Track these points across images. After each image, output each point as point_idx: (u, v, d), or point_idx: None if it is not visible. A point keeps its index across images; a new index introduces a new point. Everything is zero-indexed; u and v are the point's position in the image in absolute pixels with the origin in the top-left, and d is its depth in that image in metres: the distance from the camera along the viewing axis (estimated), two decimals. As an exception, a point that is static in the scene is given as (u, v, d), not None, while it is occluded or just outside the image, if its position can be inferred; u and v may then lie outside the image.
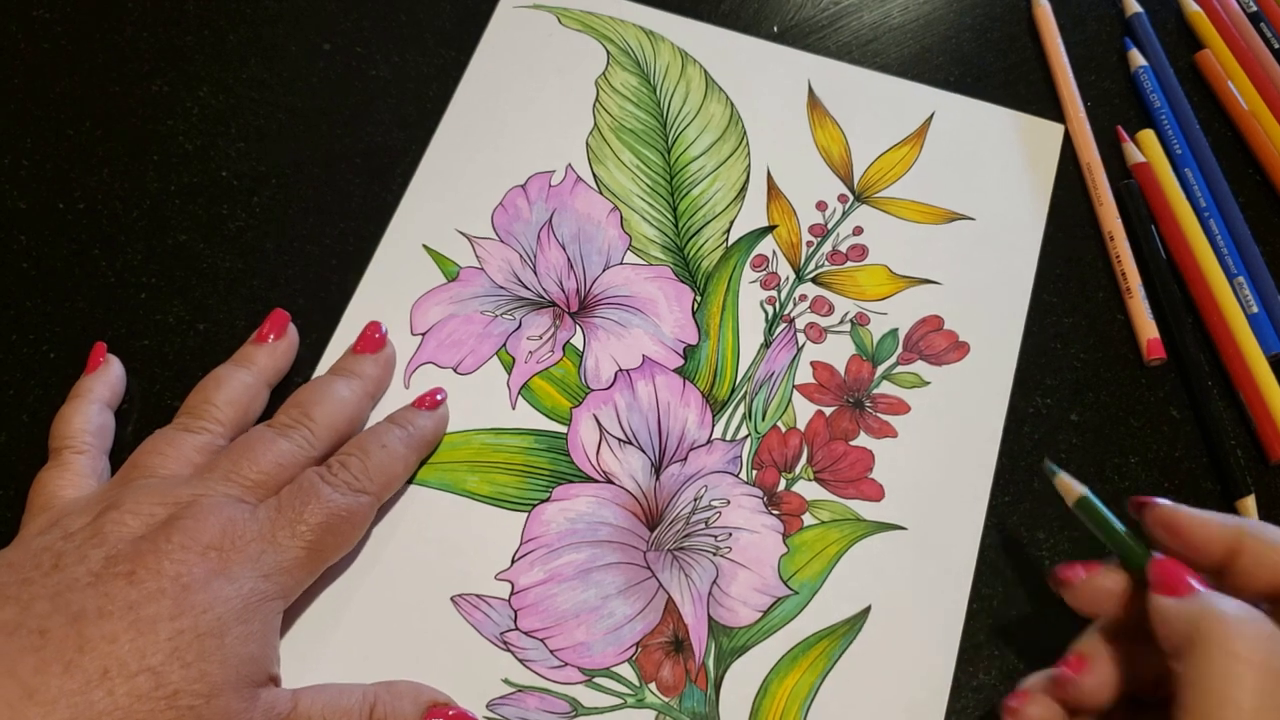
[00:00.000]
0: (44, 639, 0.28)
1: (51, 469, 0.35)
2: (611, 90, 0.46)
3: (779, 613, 0.37)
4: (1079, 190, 0.46)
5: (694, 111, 0.46)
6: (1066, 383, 0.42)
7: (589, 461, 0.39)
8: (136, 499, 0.32)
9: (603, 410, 0.40)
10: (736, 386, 0.41)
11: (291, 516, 0.32)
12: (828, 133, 0.46)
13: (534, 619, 0.36)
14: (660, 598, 0.37)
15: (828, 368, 0.41)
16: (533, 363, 0.40)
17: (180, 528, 0.30)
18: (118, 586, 0.29)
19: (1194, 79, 0.49)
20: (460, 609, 0.36)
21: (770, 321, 0.42)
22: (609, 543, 0.38)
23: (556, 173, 0.44)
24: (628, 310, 0.42)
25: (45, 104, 0.44)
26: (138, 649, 0.28)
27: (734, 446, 0.40)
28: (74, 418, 0.36)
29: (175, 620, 0.29)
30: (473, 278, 0.42)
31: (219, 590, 0.30)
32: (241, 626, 0.30)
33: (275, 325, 0.39)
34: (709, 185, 0.44)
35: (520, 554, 0.37)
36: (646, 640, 0.36)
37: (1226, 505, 0.40)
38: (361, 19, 0.47)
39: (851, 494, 0.39)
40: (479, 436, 0.39)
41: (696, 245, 0.43)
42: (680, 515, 0.38)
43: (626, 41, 0.47)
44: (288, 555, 0.32)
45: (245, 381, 0.37)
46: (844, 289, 0.43)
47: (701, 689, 0.36)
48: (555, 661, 0.36)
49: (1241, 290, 0.43)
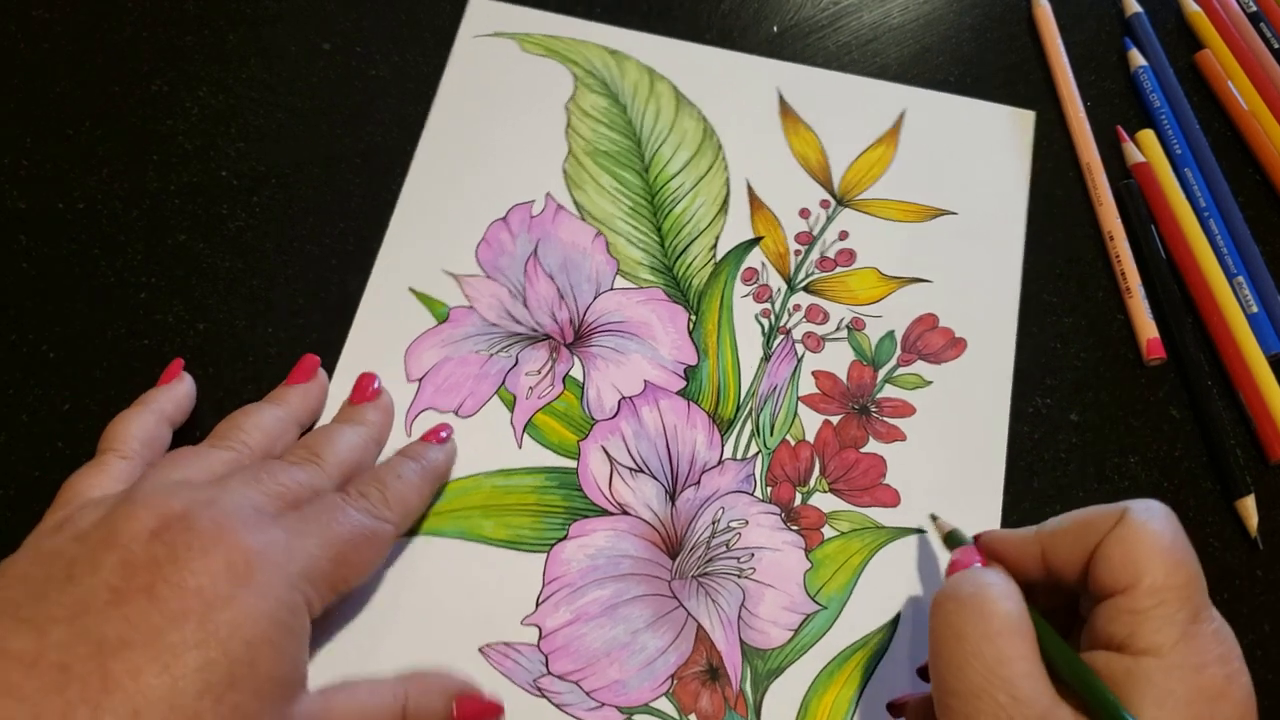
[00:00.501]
0: (66, 676, 0.26)
1: (89, 468, 0.34)
2: (582, 114, 0.45)
3: (810, 629, 0.37)
4: (1079, 190, 0.46)
5: (667, 129, 0.45)
6: (1066, 382, 0.42)
7: (602, 494, 0.38)
8: (150, 494, 0.31)
9: (610, 440, 0.39)
10: (741, 403, 0.40)
11: (317, 528, 0.32)
12: (803, 139, 0.45)
13: (566, 662, 0.36)
14: (690, 627, 0.36)
15: (830, 376, 0.41)
16: (534, 399, 0.40)
17: (199, 529, 0.29)
18: (138, 607, 0.28)
19: (1194, 79, 0.49)
20: (490, 659, 0.36)
21: (767, 334, 0.42)
22: (632, 575, 0.37)
23: (536, 202, 0.43)
24: (624, 336, 0.41)
25: (45, 104, 0.44)
26: (166, 685, 0.27)
27: (746, 465, 0.39)
28: (129, 423, 0.36)
29: (203, 649, 0.27)
30: (463, 317, 0.41)
31: (246, 607, 0.28)
32: (272, 650, 0.29)
33: (305, 370, 0.39)
34: (690, 202, 0.44)
35: (544, 596, 0.37)
36: (681, 672, 0.36)
37: (1226, 505, 0.40)
38: (361, 19, 0.47)
39: (868, 501, 0.39)
40: (489, 480, 0.39)
41: (685, 264, 0.43)
42: (700, 540, 0.38)
43: (592, 63, 0.46)
44: (313, 564, 0.31)
45: (276, 415, 0.37)
46: (836, 295, 0.43)
47: (742, 715, 0.35)
48: (592, 703, 0.35)
49: (1241, 290, 0.43)
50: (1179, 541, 0.29)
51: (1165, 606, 0.28)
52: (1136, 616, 0.28)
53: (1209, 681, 0.27)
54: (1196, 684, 0.27)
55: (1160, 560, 0.28)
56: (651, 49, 0.47)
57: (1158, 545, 0.29)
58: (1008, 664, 0.28)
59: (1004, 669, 0.28)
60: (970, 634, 0.29)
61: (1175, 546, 0.29)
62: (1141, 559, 0.29)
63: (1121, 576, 0.29)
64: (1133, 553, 0.29)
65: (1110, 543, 0.29)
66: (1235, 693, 0.28)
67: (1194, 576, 0.29)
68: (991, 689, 0.28)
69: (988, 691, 0.28)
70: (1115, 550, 0.29)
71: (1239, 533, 0.40)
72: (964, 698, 0.28)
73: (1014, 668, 0.28)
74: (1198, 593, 0.29)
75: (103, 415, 0.37)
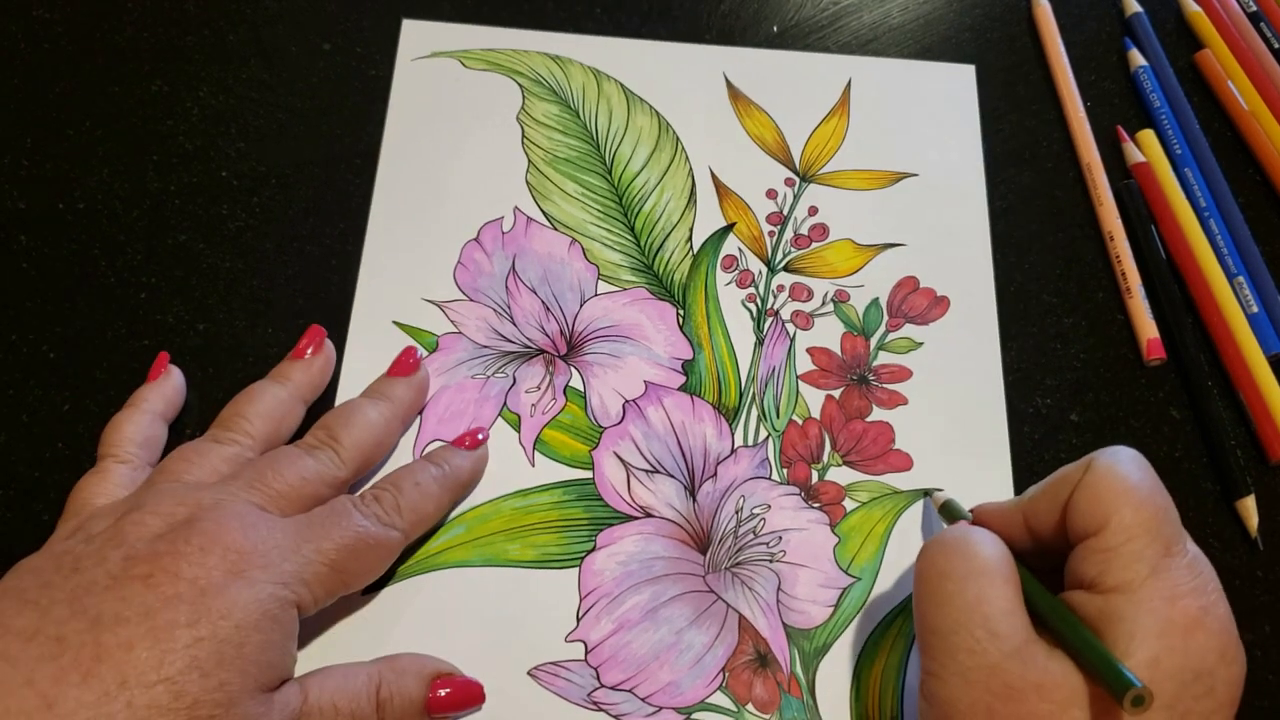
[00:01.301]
0: (61, 646, 0.28)
1: (92, 476, 0.35)
2: (535, 123, 0.45)
3: (849, 602, 0.37)
4: (1079, 190, 0.46)
5: (622, 128, 0.45)
6: (1066, 383, 0.42)
7: (623, 500, 0.38)
8: (158, 501, 0.31)
9: (622, 445, 0.39)
10: (743, 390, 0.41)
11: (318, 533, 0.32)
12: (756, 120, 0.46)
13: (616, 672, 0.36)
14: (732, 618, 0.37)
15: (824, 351, 0.42)
16: (539, 415, 0.40)
17: (200, 529, 0.30)
18: (134, 590, 0.29)
19: (1194, 79, 0.49)
20: (540, 681, 0.35)
21: (756, 318, 0.42)
22: (667, 576, 0.37)
23: (506, 218, 0.43)
24: (616, 340, 0.41)
25: (45, 104, 0.44)
26: (155, 658, 0.28)
27: (759, 450, 0.40)
28: (125, 426, 0.36)
29: (193, 627, 0.28)
30: (453, 344, 0.41)
31: (237, 596, 0.29)
32: (260, 635, 0.29)
33: (312, 341, 0.39)
34: (658, 198, 0.44)
35: (583, 610, 0.36)
36: (731, 664, 0.36)
37: (1227, 505, 0.40)
38: (361, 19, 0.47)
39: (882, 469, 0.40)
40: (506, 503, 0.38)
41: (663, 260, 0.43)
42: (727, 531, 0.38)
43: (536, 71, 0.46)
44: (309, 568, 0.31)
45: (279, 396, 0.37)
46: (816, 270, 0.43)
47: (797, 697, 0.36)
48: (649, 709, 0.35)
49: (1241, 290, 0.43)
50: (1145, 480, 0.30)
51: (1134, 543, 0.29)
52: (1107, 555, 0.29)
53: (1182, 613, 0.28)
54: (1168, 616, 0.28)
55: (1126, 499, 0.29)
56: (592, 50, 0.47)
57: (1123, 486, 0.30)
58: (987, 602, 0.29)
59: (983, 606, 0.29)
60: (953, 573, 0.30)
61: (1141, 485, 0.30)
62: (1108, 500, 0.29)
63: (1091, 521, 0.29)
64: (1100, 496, 0.30)
65: (1079, 491, 0.30)
66: (1211, 623, 0.28)
67: (1161, 510, 0.30)
68: (970, 624, 0.29)
69: (965, 627, 0.29)
70: (1083, 497, 0.30)
71: (1239, 533, 0.40)
72: (942, 634, 0.29)
73: (993, 605, 0.29)
74: (1168, 526, 0.29)
75: (102, 416, 0.37)
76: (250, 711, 0.29)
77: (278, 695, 0.30)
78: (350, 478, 0.36)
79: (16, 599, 0.29)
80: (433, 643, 0.35)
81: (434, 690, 0.33)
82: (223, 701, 0.28)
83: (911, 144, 0.46)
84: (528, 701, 0.35)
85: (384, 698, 0.32)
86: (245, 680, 0.29)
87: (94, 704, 0.27)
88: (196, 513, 0.31)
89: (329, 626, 0.35)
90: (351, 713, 0.31)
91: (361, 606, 0.36)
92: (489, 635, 0.36)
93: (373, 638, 0.35)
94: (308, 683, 0.31)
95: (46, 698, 0.27)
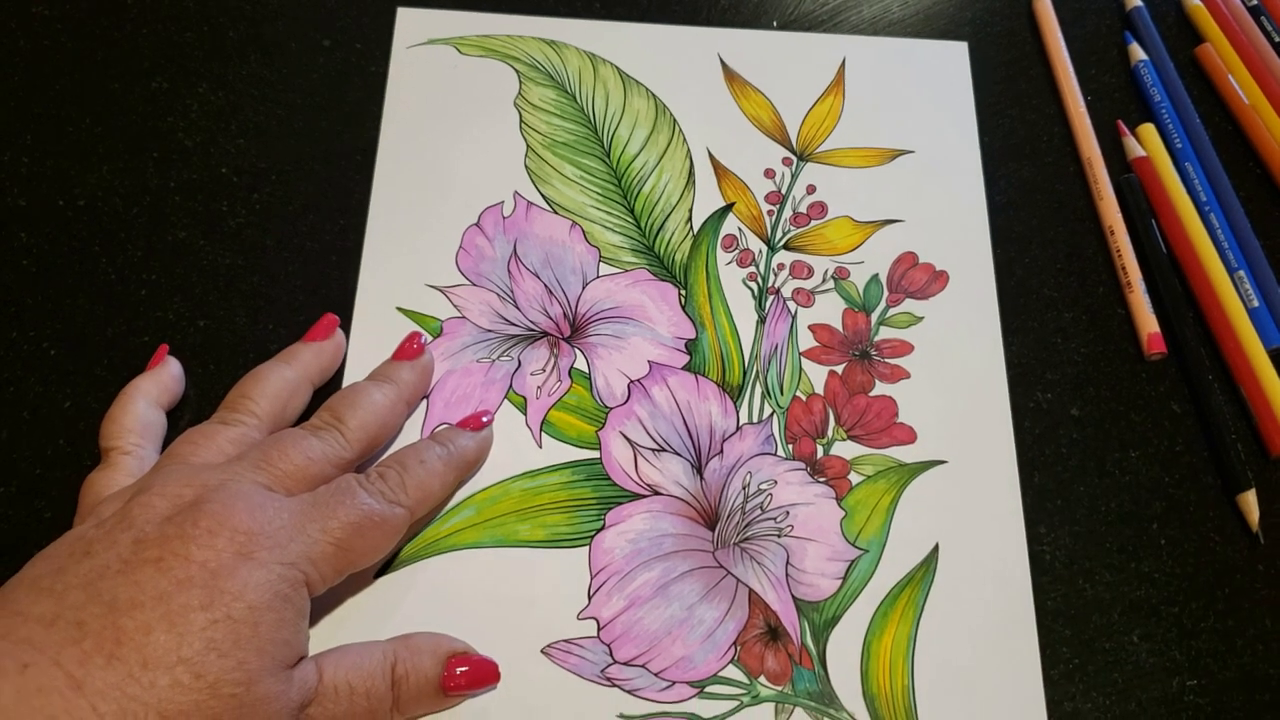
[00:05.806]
0: (82, 631, 0.28)
1: (100, 470, 0.35)
2: (532, 108, 0.45)
3: (857, 574, 0.38)
4: (1079, 184, 0.46)
5: (619, 111, 0.46)
6: (1067, 377, 0.42)
7: (631, 479, 0.39)
8: (164, 482, 0.32)
9: (628, 425, 0.40)
10: (747, 368, 0.41)
11: (324, 512, 0.32)
12: (752, 101, 0.46)
13: (629, 647, 0.36)
14: (742, 592, 0.37)
15: (826, 327, 0.42)
16: (544, 397, 0.40)
17: (207, 511, 0.30)
18: (146, 574, 0.29)
19: (1194, 73, 0.49)
20: (554, 659, 0.36)
21: (758, 297, 0.42)
22: (676, 553, 0.37)
23: (506, 203, 0.43)
24: (619, 321, 0.41)
25: (45, 101, 0.44)
26: (173, 641, 0.28)
27: (764, 426, 0.40)
28: (120, 417, 0.36)
29: (207, 610, 0.29)
30: (457, 328, 0.41)
31: (248, 577, 0.30)
32: (273, 615, 0.30)
33: (323, 328, 0.39)
34: (657, 179, 0.44)
35: (594, 588, 0.37)
36: (742, 637, 0.36)
37: (1228, 499, 0.40)
38: (361, 15, 0.47)
39: (886, 442, 0.40)
40: (515, 484, 0.38)
41: (664, 240, 0.43)
42: (735, 507, 0.38)
43: (532, 56, 0.46)
44: (315, 548, 0.32)
45: (285, 376, 0.37)
46: (816, 248, 0.43)
47: (809, 669, 0.36)
48: (662, 683, 0.35)
49: (1242, 284, 0.43)
50: None
51: None
52: None
53: None
54: None
55: None
56: (587, 34, 0.47)
57: None
58: None
59: None
60: None
61: None
62: None
63: None
64: None
65: None
66: None
67: None
68: None
69: None
70: None
71: (1240, 527, 0.40)
72: None
73: None
74: None
75: (103, 412, 0.37)
76: (270, 689, 0.29)
77: (296, 672, 0.30)
78: (355, 459, 0.36)
79: (32, 587, 0.29)
80: (446, 623, 0.36)
81: (449, 669, 0.34)
82: (242, 680, 0.29)
83: (906, 121, 0.46)
84: (542, 679, 0.35)
85: (399, 676, 0.32)
86: (263, 659, 0.29)
87: (119, 684, 0.27)
88: (203, 494, 0.31)
89: (342, 608, 0.36)
90: (367, 691, 0.32)
91: (374, 588, 0.36)
92: (502, 614, 0.36)
93: (386, 619, 0.36)
94: (323, 661, 0.32)
95: (74, 678, 0.27)
